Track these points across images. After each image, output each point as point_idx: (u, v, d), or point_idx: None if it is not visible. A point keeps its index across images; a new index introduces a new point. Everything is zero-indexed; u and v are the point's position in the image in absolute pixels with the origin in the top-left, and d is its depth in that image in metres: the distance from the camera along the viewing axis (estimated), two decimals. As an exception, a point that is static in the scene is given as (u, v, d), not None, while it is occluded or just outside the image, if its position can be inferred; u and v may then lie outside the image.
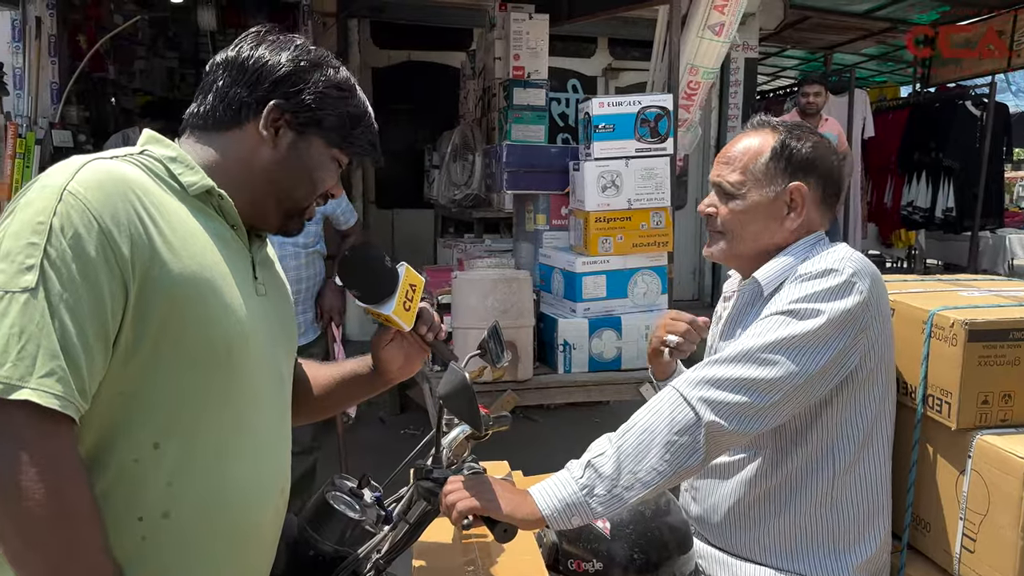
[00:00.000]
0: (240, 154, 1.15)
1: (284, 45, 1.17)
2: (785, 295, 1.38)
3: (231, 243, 1.14)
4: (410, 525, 1.32)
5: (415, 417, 4.75)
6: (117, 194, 0.99)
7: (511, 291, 2.88)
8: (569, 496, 1.26)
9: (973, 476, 1.37)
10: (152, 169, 1.08)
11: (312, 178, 1.19)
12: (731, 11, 3.43)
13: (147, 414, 1.02)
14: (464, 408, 1.29)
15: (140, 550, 1.03)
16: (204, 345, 1.05)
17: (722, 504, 1.52)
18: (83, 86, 5.64)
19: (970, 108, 7.31)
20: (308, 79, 1.15)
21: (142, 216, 1.00)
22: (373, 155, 1.25)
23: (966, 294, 1.58)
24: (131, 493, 1.02)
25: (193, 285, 1.03)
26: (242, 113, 1.14)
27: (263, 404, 1.16)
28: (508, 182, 3.47)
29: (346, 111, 1.18)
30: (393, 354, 1.36)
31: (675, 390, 1.33)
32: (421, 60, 6.61)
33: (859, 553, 1.43)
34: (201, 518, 1.07)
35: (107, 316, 0.97)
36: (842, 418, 1.41)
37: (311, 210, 1.23)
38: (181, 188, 1.09)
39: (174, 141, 1.16)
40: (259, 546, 1.19)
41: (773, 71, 11.24)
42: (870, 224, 8.20)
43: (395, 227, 6.55)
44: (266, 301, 1.19)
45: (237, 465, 1.10)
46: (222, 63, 1.17)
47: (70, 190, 0.96)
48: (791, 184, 1.48)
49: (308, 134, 1.16)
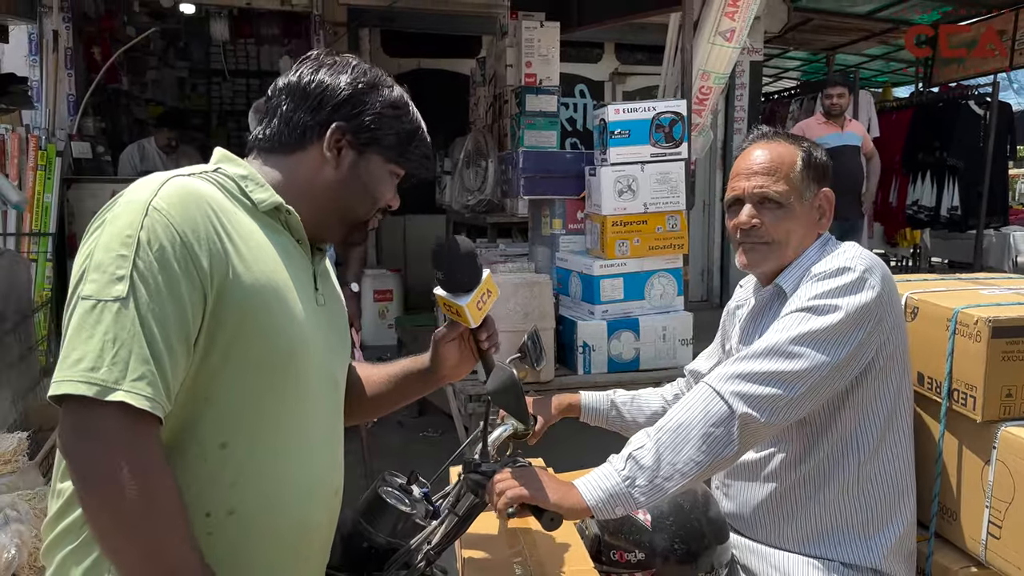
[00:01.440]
0: (306, 174, 1.21)
1: (342, 68, 1.22)
2: (803, 293, 1.44)
3: (296, 256, 1.20)
4: (459, 517, 1.37)
5: (433, 420, 4.80)
6: (197, 209, 1.06)
7: (532, 295, 2.94)
8: (613, 487, 1.32)
9: (998, 466, 1.43)
10: (225, 186, 1.15)
11: (373, 193, 1.25)
12: (741, 17, 3.49)
13: (215, 415, 1.08)
14: (512, 403, 1.36)
15: (206, 545, 1.07)
16: (269, 351, 1.10)
17: (755, 499, 1.58)
18: (97, 97, 5.73)
19: (973, 107, 7.37)
20: (367, 101, 1.21)
21: (219, 230, 1.07)
22: (427, 166, 1.32)
23: (987, 292, 1.63)
24: (199, 490, 1.07)
25: (262, 296, 1.09)
26: (306, 136, 1.20)
27: (320, 408, 1.22)
28: (525, 188, 3.53)
29: (402, 128, 1.24)
30: (451, 351, 1.43)
31: (708, 386, 1.39)
32: (431, 68, 6.69)
33: (887, 536, 1.49)
34: (262, 516, 1.13)
35: (189, 324, 1.03)
36: (863, 407, 1.48)
37: (372, 222, 1.29)
38: (252, 204, 1.16)
39: (240, 157, 1.22)
40: (316, 543, 1.24)
41: (775, 72, 11.31)
42: (875, 223, 8.25)
43: (407, 232, 6.62)
44: (325, 311, 1.26)
45: (295, 466, 1.16)
46: (284, 88, 1.23)
47: (154, 205, 1.03)
48: (821, 190, 1.56)
49: (368, 153, 1.23)
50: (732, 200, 1.61)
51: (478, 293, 1.34)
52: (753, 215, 1.56)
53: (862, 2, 7.40)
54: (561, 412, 1.74)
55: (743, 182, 1.57)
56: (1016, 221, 8.82)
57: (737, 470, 1.63)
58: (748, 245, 1.58)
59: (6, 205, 2.90)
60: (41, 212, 4.28)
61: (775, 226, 1.54)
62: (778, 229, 1.54)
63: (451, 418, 4.21)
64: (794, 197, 1.54)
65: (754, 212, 1.56)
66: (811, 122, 6.03)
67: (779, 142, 1.59)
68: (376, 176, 1.24)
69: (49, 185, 4.35)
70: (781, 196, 1.53)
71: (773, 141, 1.60)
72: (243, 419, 1.10)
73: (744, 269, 1.63)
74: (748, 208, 1.56)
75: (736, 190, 1.59)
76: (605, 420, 1.80)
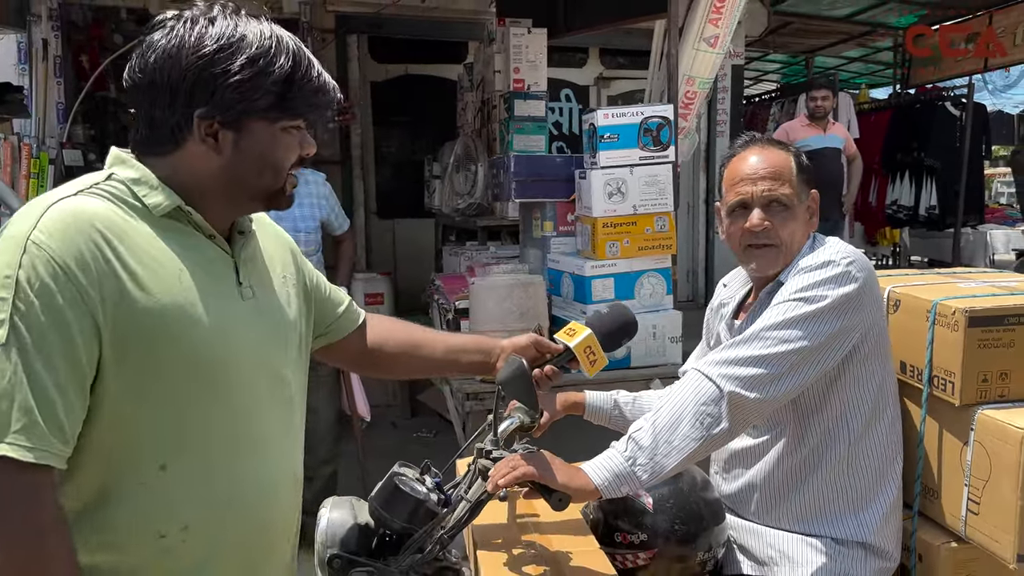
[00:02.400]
0: (192, 169, 1.11)
1: (180, 44, 1.06)
2: (791, 286, 1.54)
3: (208, 253, 1.13)
4: (471, 503, 1.45)
5: (426, 421, 4.87)
6: (80, 236, 0.99)
7: (527, 295, 3.02)
8: (617, 467, 1.41)
9: (976, 447, 1.53)
10: (118, 196, 1.07)
11: (272, 161, 1.14)
12: (725, 24, 3.59)
13: (146, 440, 1.06)
14: (522, 391, 1.43)
15: (166, 562, 1.09)
16: (185, 365, 1.07)
17: (753, 482, 1.67)
18: (85, 105, 5.74)
19: (950, 109, 7.53)
20: (217, 73, 1.06)
21: (107, 254, 1.01)
22: (321, 104, 1.15)
23: (964, 285, 1.73)
24: (147, 514, 1.07)
25: (166, 314, 1.04)
26: (175, 134, 1.09)
27: (263, 404, 1.19)
28: (516, 191, 3.60)
29: (271, 82, 1.09)
30: (529, 358, 1.56)
31: (698, 371, 1.50)
32: (418, 73, 6.74)
33: (875, 511, 1.59)
34: (221, 523, 1.13)
35: (81, 359, 0.99)
36: (851, 390, 1.57)
37: (289, 182, 1.18)
38: (148, 210, 1.08)
39: None
40: (282, 534, 1.27)
41: (756, 75, 11.46)
42: (856, 223, 8.39)
43: (396, 236, 6.67)
44: (254, 303, 1.19)
45: (245, 465, 1.16)
46: (132, 84, 1.10)
47: (33, 240, 0.97)
48: (812, 192, 1.65)
49: (247, 124, 1.10)
50: (736, 205, 1.63)
51: (595, 353, 1.56)
52: (764, 218, 1.59)
53: (840, 5, 7.55)
54: (566, 409, 1.81)
55: (749, 187, 1.60)
56: (992, 220, 9.00)
57: (736, 456, 1.72)
58: (758, 249, 1.62)
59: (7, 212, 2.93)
60: (35, 220, 4.31)
61: (783, 228, 1.60)
62: (785, 231, 1.60)
63: (444, 419, 4.27)
64: (795, 199, 1.61)
65: (764, 215, 1.59)
66: (795, 124, 6.16)
67: (772, 147, 1.65)
68: (267, 143, 1.12)
69: (42, 192, 4.37)
70: (788, 199, 1.59)
71: (767, 147, 1.65)
72: (176, 436, 1.08)
73: (754, 274, 1.68)
74: (758, 212, 1.60)
75: (742, 194, 1.61)
76: (608, 419, 1.86)
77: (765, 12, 7.10)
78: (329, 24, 5.82)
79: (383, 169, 6.73)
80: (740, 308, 1.78)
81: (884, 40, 8.86)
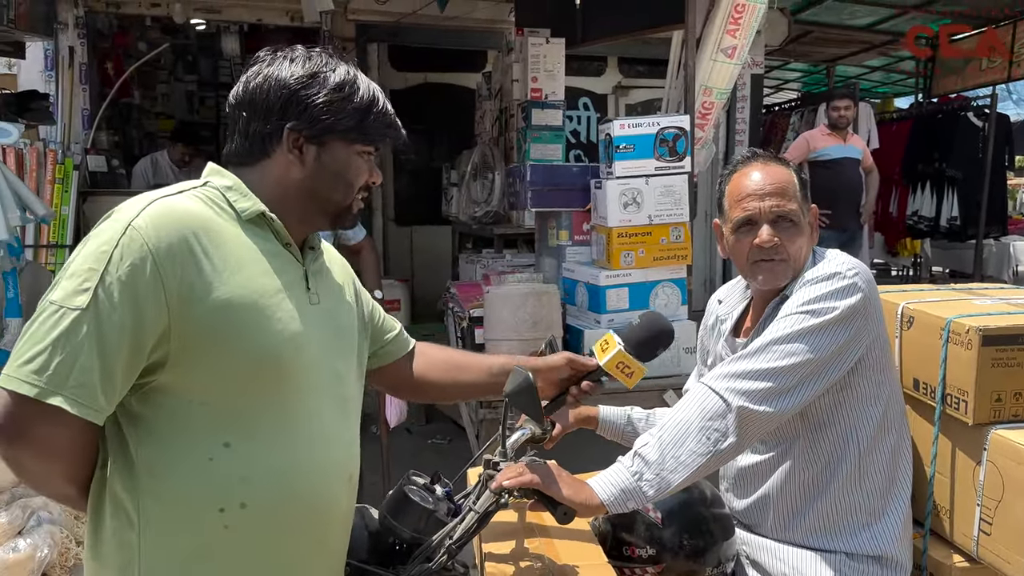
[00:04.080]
0: (277, 179, 1.26)
1: (280, 70, 1.24)
2: (797, 298, 1.54)
3: (284, 260, 1.26)
4: (479, 514, 1.45)
5: (441, 427, 4.89)
6: (174, 229, 1.13)
7: (541, 304, 3.03)
8: (622, 482, 1.41)
9: (988, 466, 1.52)
10: (213, 200, 1.22)
11: (346, 178, 1.29)
12: (743, 35, 3.58)
13: (216, 418, 1.17)
14: (528, 404, 1.44)
15: (224, 537, 1.18)
16: (257, 354, 1.17)
17: (764, 498, 1.66)
18: (109, 111, 5.84)
19: (972, 119, 7.45)
20: (310, 94, 1.23)
21: (195, 249, 1.14)
22: (393, 135, 1.33)
23: (979, 302, 1.72)
24: (212, 487, 1.16)
25: (243, 305, 1.16)
26: (266, 144, 1.25)
27: (323, 401, 1.28)
28: (532, 200, 3.61)
29: (353, 107, 1.26)
30: (564, 376, 1.60)
31: (704, 384, 1.50)
32: (437, 82, 6.80)
33: (887, 521, 1.58)
34: (275, 507, 1.21)
35: (145, 338, 1.10)
36: (859, 402, 1.57)
37: (356, 203, 1.33)
38: (237, 214, 1.22)
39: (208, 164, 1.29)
40: (333, 530, 1.32)
41: (776, 84, 11.41)
42: (876, 233, 8.33)
43: (413, 243, 6.71)
44: (319, 309, 1.31)
45: (303, 457, 1.24)
46: (235, 103, 1.28)
47: (135, 225, 1.11)
48: (812, 206, 1.66)
49: (328, 142, 1.26)
50: (743, 221, 1.62)
51: (631, 367, 1.55)
52: (773, 234, 1.59)
53: (862, 15, 7.51)
54: (579, 422, 1.81)
55: (755, 203, 1.60)
56: (1015, 231, 8.88)
57: (746, 472, 1.71)
58: (767, 264, 1.61)
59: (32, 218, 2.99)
60: (58, 224, 4.38)
61: (790, 243, 1.59)
62: (793, 246, 1.60)
63: (458, 425, 4.29)
64: (801, 215, 1.61)
65: (773, 231, 1.59)
66: (815, 133, 6.13)
67: (774, 163, 1.65)
68: (344, 161, 1.28)
69: (66, 198, 4.45)
70: (794, 214, 1.60)
71: (769, 163, 1.65)
72: (240, 419, 1.18)
73: (760, 287, 1.67)
74: (767, 228, 1.59)
75: (749, 211, 1.61)
76: (621, 435, 1.86)
77: (785, 21, 7.07)
78: (349, 33, 5.87)
79: (401, 176, 6.78)
80: (739, 324, 1.77)
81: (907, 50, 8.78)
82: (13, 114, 4.39)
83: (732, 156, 6.81)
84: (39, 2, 4.76)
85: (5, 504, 2.26)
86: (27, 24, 4.47)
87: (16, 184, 2.86)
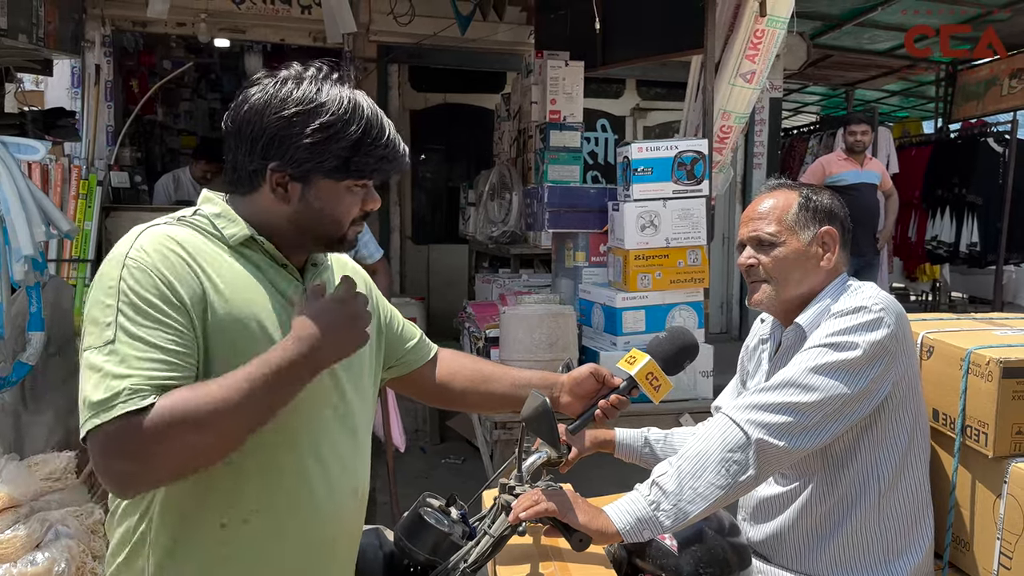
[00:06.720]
0: (266, 210, 1.26)
1: (267, 103, 1.20)
2: (823, 330, 1.53)
3: (279, 280, 1.27)
4: (494, 538, 1.45)
5: (455, 447, 4.88)
6: (169, 251, 1.16)
7: (557, 326, 3.03)
8: (639, 511, 1.41)
9: (1009, 500, 1.50)
10: (202, 227, 1.25)
11: (334, 215, 1.26)
12: (762, 60, 3.59)
13: None
14: (543, 429, 1.44)
15: (225, 554, 1.20)
16: None
17: (781, 529, 1.65)
18: (133, 128, 5.93)
19: (992, 145, 7.41)
20: (294, 133, 1.19)
21: (192, 267, 1.17)
22: (386, 168, 1.27)
23: (1000, 333, 1.71)
24: (213, 502, 1.19)
25: (242, 323, 1.19)
26: (253, 179, 1.25)
27: (326, 415, 1.29)
28: (550, 221, 3.64)
29: (340, 146, 1.21)
30: (590, 389, 1.60)
31: (725, 415, 1.49)
32: (457, 102, 6.86)
33: (907, 561, 1.56)
34: (278, 522, 1.23)
35: (188, 310, 1.13)
36: (881, 440, 1.56)
37: (351, 232, 1.30)
38: (225, 239, 1.24)
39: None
40: (338, 545, 1.33)
41: (795, 107, 11.41)
42: (895, 258, 8.28)
43: (431, 262, 6.75)
44: None
45: (307, 473, 1.26)
46: (226, 131, 1.27)
47: (130, 256, 1.14)
48: (822, 229, 1.65)
49: (314, 180, 1.23)
50: (739, 246, 1.75)
51: (659, 380, 1.56)
52: (750, 255, 1.69)
53: (881, 39, 7.51)
54: (596, 446, 1.81)
55: (744, 228, 1.73)
56: (1036, 257, 8.79)
57: (764, 503, 1.70)
58: (751, 284, 1.71)
59: (56, 233, 3.03)
60: (81, 239, 4.43)
61: (769, 264, 1.66)
62: (774, 266, 1.66)
63: (472, 445, 4.28)
64: (787, 236, 1.65)
65: (751, 252, 1.69)
66: (831, 157, 6.11)
67: (781, 190, 1.72)
68: (331, 198, 1.24)
69: (90, 213, 4.50)
70: (772, 236, 1.66)
71: (776, 190, 1.73)
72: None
73: (753, 307, 1.73)
74: (747, 250, 1.70)
75: (740, 235, 1.75)
76: (639, 457, 1.85)
77: (805, 45, 7.09)
78: (371, 53, 5.94)
79: (419, 195, 6.83)
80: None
81: (926, 74, 8.77)
82: (40, 131, 4.47)
83: (749, 179, 6.82)
84: (68, 21, 4.85)
85: (24, 517, 2.28)
86: (55, 42, 4.56)
87: (41, 199, 2.90)
